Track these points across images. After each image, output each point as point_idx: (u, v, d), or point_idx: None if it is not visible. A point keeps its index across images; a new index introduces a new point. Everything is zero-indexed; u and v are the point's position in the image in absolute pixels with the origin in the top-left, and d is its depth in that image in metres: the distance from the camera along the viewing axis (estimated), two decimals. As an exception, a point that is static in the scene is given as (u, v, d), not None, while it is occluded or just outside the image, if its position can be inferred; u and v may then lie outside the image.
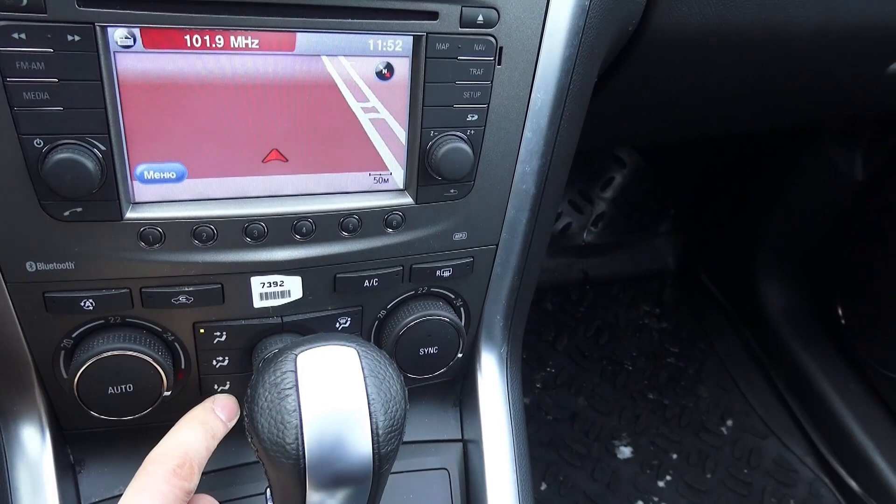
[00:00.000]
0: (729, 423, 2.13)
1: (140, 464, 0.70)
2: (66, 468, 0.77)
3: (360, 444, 0.53)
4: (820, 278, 2.11)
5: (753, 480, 1.96)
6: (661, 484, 1.95)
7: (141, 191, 0.66)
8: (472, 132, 0.72)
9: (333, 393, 0.54)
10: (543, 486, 1.89)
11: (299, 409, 0.53)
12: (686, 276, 2.47)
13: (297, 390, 0.54)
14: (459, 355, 0.82)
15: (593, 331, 2.31)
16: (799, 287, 2.14)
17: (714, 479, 1.97)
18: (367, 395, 0.54)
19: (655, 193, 2.39)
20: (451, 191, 0.75)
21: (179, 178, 0.67)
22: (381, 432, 0.53)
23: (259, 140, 0.67)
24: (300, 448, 0.52)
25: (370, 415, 0.54)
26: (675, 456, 2.02)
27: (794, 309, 2.14)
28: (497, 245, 0.82)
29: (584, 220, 2.38)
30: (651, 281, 2.48)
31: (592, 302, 2.42)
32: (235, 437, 0.69)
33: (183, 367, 0.75)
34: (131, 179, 0.65)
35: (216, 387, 0.77)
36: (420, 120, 0.70)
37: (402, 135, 0.72)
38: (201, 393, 0.77)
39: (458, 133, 0.71)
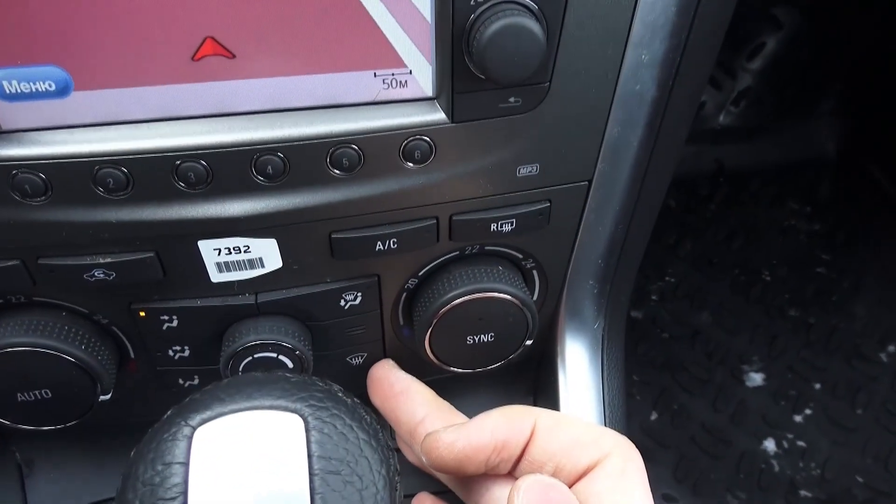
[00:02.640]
0: (891, 348, 1.78)
1: (105, 467, 0.51)
2: (10, 470, 0.59)
3: None
4: None
5: (918, 420, 1.63)
6: (797, 418, 1.66)
7: (5, 112, 0.41)
8: (547, -4, 0.41)
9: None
10: (654, 416, 1.66)
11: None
12: (850, 166, 2.03)
13: (185, 501, 0.29)
14: (528, 343, 0.55)
15: (725, 233, 1.95)
16: None
17: (866, 415, 1.66)
18: (314, 512, 0.30)
19: (818, 63, 1.92)
20: (511, 99, 0.45)
21: (62, 91, 0.42)
22: None
23: (183, 23, 0.40)
24: None
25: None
26: (818, 386, 1.71)
27: None
28: (590, 181, 0.52)
29: (721, 98, 1.95)
30: (803, 173, 2.06)
31: (726, 198, 2.05)
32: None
33: (133, 356, 0.54)
34: (-14, 95, 0.41)
35: (181, 381, 0.55)
36: (454, -25, 0.40)
37: (425, 4, 0.42)
38: (164, 387, 0.56)
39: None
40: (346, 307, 0.53)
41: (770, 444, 1.58)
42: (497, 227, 0.51)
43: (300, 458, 0.31)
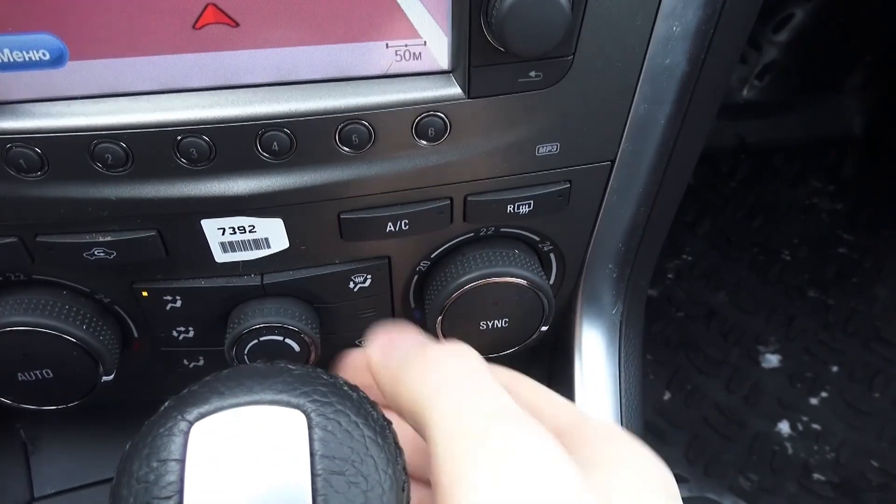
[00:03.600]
0: (912, 331, 1.73)
1: (110, 445, 0.50)
2: (15, 448, 0.58)
3: None
4: None
5: (936, 405, 1.61)
6: (813, 401, 1.64)
7: (-3, 83, 0.39)
8: (573, -38, 0.38)
9: (251, 509, 0.28)
10: (667, 396, 1.64)
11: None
12: (876, 144, 1.98)
13: (181, 500, 0.28)
14: (543, 329, 0.53)
15: (745, 211, 1.91)
16: None
17: (884, 399, 1.63)
18: (316, 513, 0.28)
19: (847, 36, 1.85)
20: (532, 74, 0.42)
21: (57, 61, 0.39)
22: None
23: (183, -12, 0.38)
24: None
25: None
26: (835, 369, 1.68)
27: None
28: (613, 161, 0.49)
29: (746, 71, 1.90)
30: (827, 150, 2.01)
31: (747, 175, 2.00)
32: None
33: (136, 335, 0.52)
34: (-25, 63, 0.38)
35: (186, 362, 0.54)
36: (473, -59, 0.37)
37: (442, -28, 0.39)
38: (169, 367, 0.54)
39: (543, -34, 0.38)
40: (356, 289, 0.51)
41: (784, 427, 1.56)
42: (514, 209, 0.48)
43: (302, 458, 0.29)
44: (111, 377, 0.50)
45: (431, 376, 0.37)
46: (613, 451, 0.35)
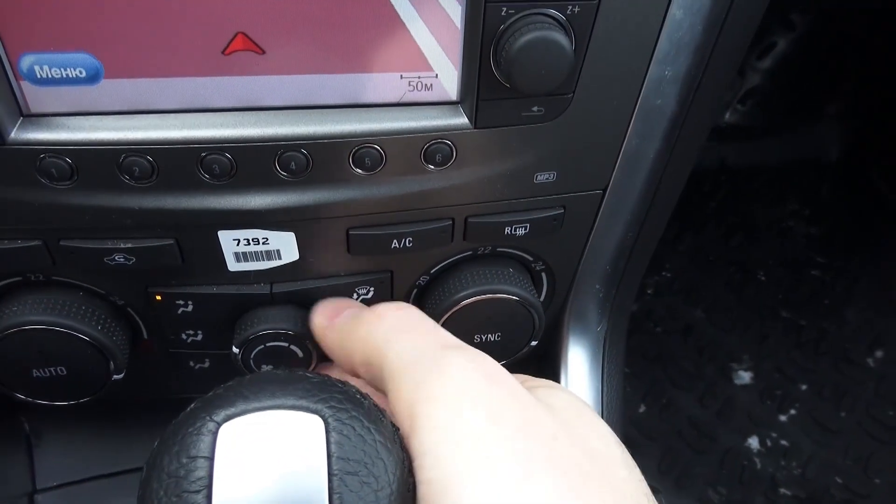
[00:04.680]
0: (878, 354, 1.79)
1: (115, 441, 0.52)
2: (18, 440, 0.60)
3: None
4: None
5: (900, 426, 1.65)
6: (782, 418, 1.68)
7: (35, 96, 0.42)
8: (577, 10, 0.41)
9: (271, 502, 0.31)
10: (642, 408, 1.67)
11: (209, 534, 0.30)
12: (851, 171, 2.03)
13: (210, 495, 0.30)
14: (533, 343, 0.56)
15: (724, 230, 1.96)
16: None
17: (850, 418, 1.67)
18: (333, 508, 0.31)
19: (827, 67, 1.91)
20: (534, 108, 0.45)
21: (92, 78, 0.42)
22: None
23: (215, 17, 0.41)
24: None
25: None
26: (804, 387, 1.72)
27: None
28: (605, 190, 0.52)
29: (729, 96, 1.95)
30: (805, 175, 2.06)
31: (727, 196, 2.04)
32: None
33: (146, 336, 0.54)
34: (16, 77, 0.41)
35: (192, 363, 0.56)
36: (486, -13, 0.40)
37: (456, 11, 0.42)
38: (175, 368, 0.57)
39: (550, 12, 0.41)
40: (359, 301, 0.53)
41: (754, 442, 1.59)
42: (511, 231, 0.51)
43: (320, 458, 0.32)
44: (121, 375, 0.52)
45: (382, 324, 0.41)
46: (550, 388, 0.40)
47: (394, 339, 0.40)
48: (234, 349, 0.51)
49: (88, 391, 0.52)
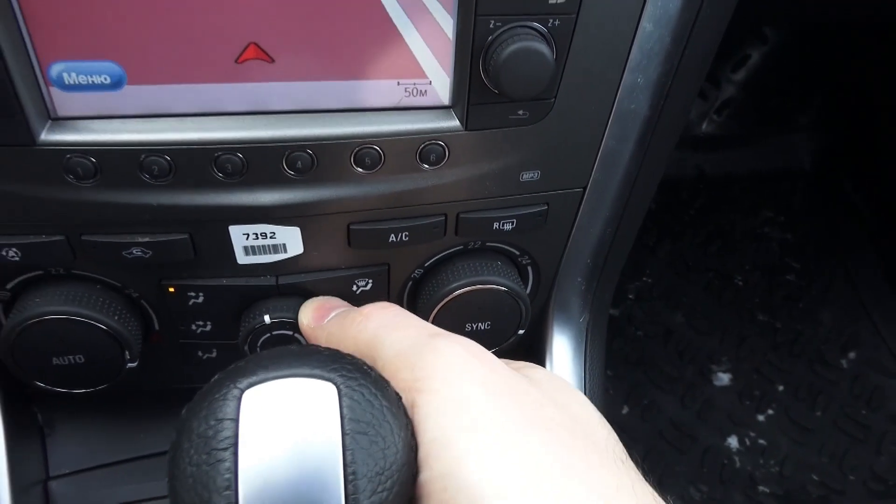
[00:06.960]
0: (851, 355, 1.84)
1: (125, 430, 0.55)
2: (31, 430, 0.63)
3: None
4: None
5: (872, 424, 1.70)
6: (760, 418, 1.72)
7: (63, 101, 0.46)
8: (557, 23, 0.46)
9: (291, 458, 0.35)
10: (625, 410, 1.71)
11: (235, 484, 0.34)
12: (824, 180, 2.10)
13: (236, 451, 0.34)
14: (520, 332, 0.61)
15: (702, 237, 2.01)
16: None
17: (825, 417, 1.72)
18: (345, 462, 0.35)
19: (800, 78, 1.97)
20: (520, 112, 0.50)
21: (116, 85, 0.46)
22: None
23: (229, 29, 0.45)
24: None
25: (346, 497, 0.34)
26: (781, 388, 1.77)
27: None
28: (585, 188, 0.57)
29: (705, 106, 2.01)
30: (779, 183, 2.12)
31: (705, 204, 2.10)
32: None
33: (157, 328, 0.58)
34: (46, 84, 0.45)
35: (200, 353, 0.60)
36: (476, 1, 0.44)
37: (448, 24, 0.47)
38: (184, 358, 0.60)
39: (533, 24, 0.46)
40: (357, 292, 0.57)
41: (733, 441, 1.63)
42: (499, 226, 0.56)
43: (334, 419, 0.35)
44: (135, 364, 0.55)
45: (371, 323, 0.44)
46: (531, 367, 0.44)
47: (384, 335, 0.42)
48: (242, 336, 0.55)
49: (105, 379, 0.56)
